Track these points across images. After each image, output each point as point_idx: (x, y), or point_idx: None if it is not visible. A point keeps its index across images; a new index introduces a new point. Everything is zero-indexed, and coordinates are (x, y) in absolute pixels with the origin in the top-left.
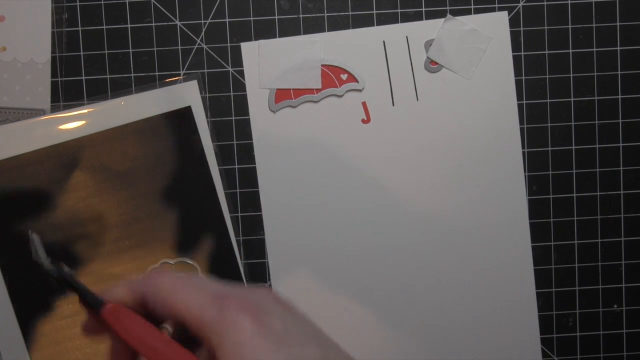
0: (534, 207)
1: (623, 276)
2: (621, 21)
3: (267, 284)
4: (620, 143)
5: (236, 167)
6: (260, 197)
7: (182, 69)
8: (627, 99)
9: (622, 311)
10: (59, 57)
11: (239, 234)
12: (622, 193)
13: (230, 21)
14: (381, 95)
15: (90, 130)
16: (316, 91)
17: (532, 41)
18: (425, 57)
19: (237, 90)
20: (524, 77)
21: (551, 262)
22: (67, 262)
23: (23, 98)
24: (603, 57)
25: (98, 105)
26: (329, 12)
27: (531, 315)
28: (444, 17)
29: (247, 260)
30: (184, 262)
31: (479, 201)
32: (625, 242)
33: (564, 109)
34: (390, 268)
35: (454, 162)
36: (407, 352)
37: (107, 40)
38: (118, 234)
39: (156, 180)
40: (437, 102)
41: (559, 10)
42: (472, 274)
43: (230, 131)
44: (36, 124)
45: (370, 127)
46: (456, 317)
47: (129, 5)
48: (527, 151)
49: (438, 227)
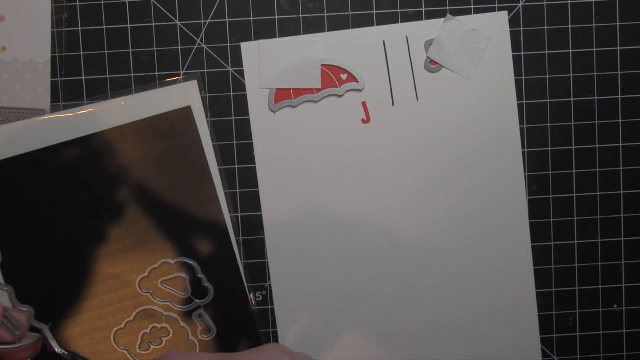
0: (534, 207)
1: (623, 276)
2: (621, 21)
3: (267, 284)
4: (620, 143)
5: (236, 167)
6: (260, 197)
7: (182, 69)
8: (627, 99)
9: (622, 311)
10: (59, 57)
11: (239, 234)
12: (622, 193)
13: (230, 21)
14: (381, 95)
15: (90, 130)
16: (316, 91)
17: (532, 41)
18: (425, 57)
19: (237, 90)
20: (524, 77)
21: (551, 262)
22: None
23: (23, 98)
24: (603, 57)
25: (98, 105)
26: (329, 12)
27: (531, 315)
28: (444, 17)
29: (247, 260)
30: (184, 262)
31: (479, 201)
32: (625, 242)
33: (564, 109)
34: (390, 268)
35: (454, 162)
36: (407, 352)
37: (107, 40)
38: (118, 234)
39: (156, 180)
40: (437, 102)
41: (559, 10)
42: (472, 274)
43: (230, 131)
44: (36, 124)
45: (370, 127)
46: (456, 317)
47: (129, 5)
48: (527, 151)
49: (438, 227)
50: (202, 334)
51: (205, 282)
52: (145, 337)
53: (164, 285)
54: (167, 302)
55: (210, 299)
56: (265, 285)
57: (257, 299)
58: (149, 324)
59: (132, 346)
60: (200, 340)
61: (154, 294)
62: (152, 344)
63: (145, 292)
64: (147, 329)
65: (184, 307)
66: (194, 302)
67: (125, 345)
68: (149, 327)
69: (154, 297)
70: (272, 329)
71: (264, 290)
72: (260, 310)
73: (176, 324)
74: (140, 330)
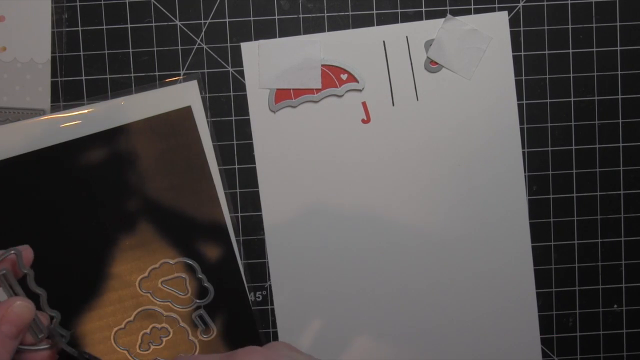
0: (534, 207)
1: (623, 276)
2: (621, 21)
3: (267, 284)
4: (620, 143)
5: (236, 167)
6: (260, 197)
7: (182, 69)
8: (627, 99)
9: (622, 311)
10: (59, 57)
11: (239, 234)
12: (622, 193)
13: (230, 21)
14: (381, 95)
15: (90, 130)
16: (316, 91)
17: (532, 41)
18: (425, 57)
19: (237, 90)
20: (524, 77)
21: (551, 262)
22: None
23: (23, 98)
24: (603, 57)
25: (98, 105)
26: (329, 12)
27: (531, 315)
28: (444, 17)
29: (247, 260)
30: (184, 262)
31: (479, 201)
32: (625, 242)
33: (564, 109)
34: (390, 267)
35: (454, 162)
36: (407, 352)
37: (107, 40)
38: (118, 234)
39: (156, 180)
40: (437, 102)
41: (559, 10)
42: (472, 274)
43: (230, 131)
44: (36, 124)
45: (370, 127)
46: (456, 317)
47: (129, 5)
48: (527, 151)
49: (438, 227)
50: (202, 334)
51: (205, 282)
52: (145, 337)
53: (164, 285)
54: (167, 302)
55: (210, 299)
56: (265, 285)
57: (257, 299)
58: (149, 324)
59: (132, 346)
60: (200, 340)
61: (154, 294)
62: (152, 344)
63: (145, 292)
64: (147, 329)
65: (184, 307)
66: (194, 302)
67: (125, 345)
68: (149, 327)
69: (154, 297)
70: (272, 329)
71: (264, 290)
72: (260, 310)
73: (176, 324)
74: (140, 330)
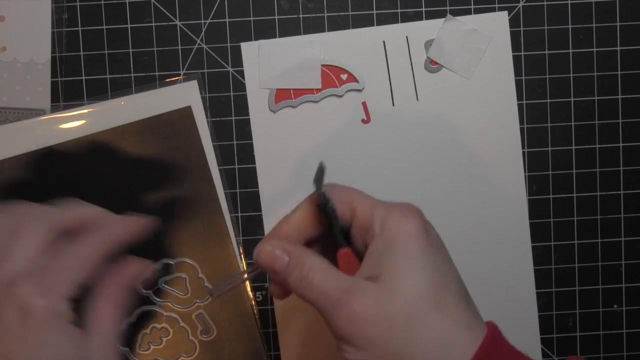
0: (534, 207)
1: (623, 276)
2: (621, 21)
3: (267, 284)
4: (620, 143)
5: (236, 167)
6: (260, 197)
7: (182, 69)
8: (627, 99)
9: (622, 311)
10: (59, 57)
11: (239, 234)
12: (622, 193)
13: (230, 21)
14: (381, 95)
15: (90, 130)
16: (316, 91)
17: (532, 41)
18: (425, 57)
19: (237, 90)
20: (524, 77)
21: (551, 262)
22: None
23: (23, 98)
24: (603, 57)
25: (98, 105)
26: (329, 12)
27: (531, 315)
28: (444, 17)
29: (247, 260)
30: (184, 262)
31: (479, 201)
32: (625, 242)
33: (564, 109)
34: None
35: (454, 162)
36: None
37: (107, 40)
38: None
39: (156, 181)
40: (437, 102)
41: (559, 10)
42: (472, 274)
43: (230, 131)
44: (36, 124)
45: (370, 127)
46: None
47: (129, 5)
48: (527, 151)
49: (438, 227)
50: (202, 334)
51: (205, 282)
52: (145, 337)
53: (164, 285)
54: (167, 302)
55: (210, 299)
56: (265, 285)
57: (257, 299)
58: (149, 324)
59: (132, 346)
60: (200, 340)
61: (154, 294)
62: (152, 344)
63: (145, 292)
64: (147, 329)
65: (184, 307)
66: (194, 302)
67: (125, 345)
68: (149, 327)
69: (154, 297)
70: (272, 329)
71: (264, 290)
72: (260, 310)
73: (176, 324)
74: (140, 330)
